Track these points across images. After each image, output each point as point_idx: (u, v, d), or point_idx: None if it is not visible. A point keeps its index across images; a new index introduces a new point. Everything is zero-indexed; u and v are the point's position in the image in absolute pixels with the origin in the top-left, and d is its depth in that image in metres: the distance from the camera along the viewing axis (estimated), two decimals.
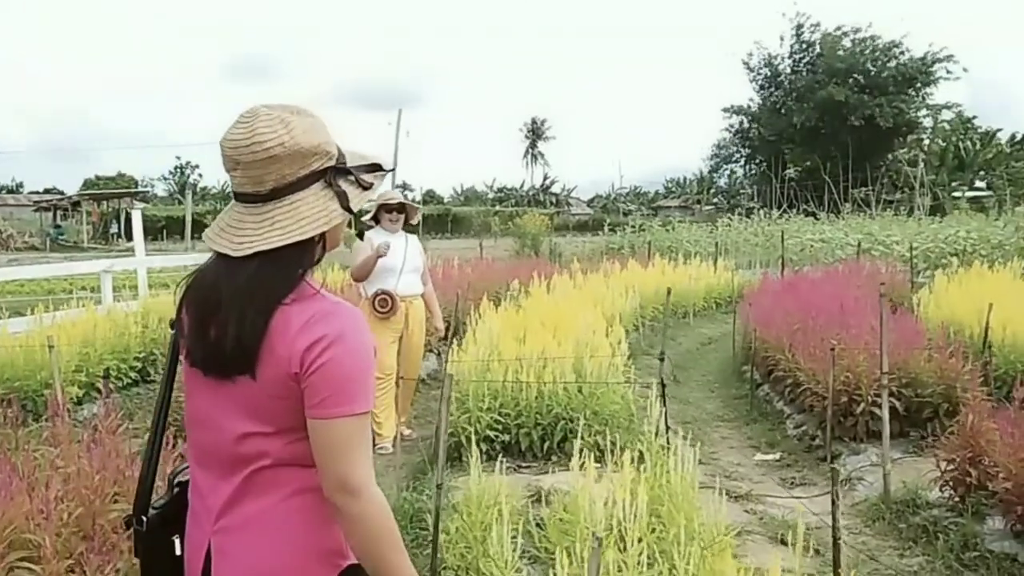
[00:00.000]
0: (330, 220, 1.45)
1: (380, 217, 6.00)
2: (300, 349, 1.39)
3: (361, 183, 1.49)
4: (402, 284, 5.89)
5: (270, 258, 1.42)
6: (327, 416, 1.40)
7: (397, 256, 5.86)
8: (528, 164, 79.04)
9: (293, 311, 1.42)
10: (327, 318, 1.42)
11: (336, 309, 1.46)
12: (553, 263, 16.73)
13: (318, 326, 1.41)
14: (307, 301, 1.44)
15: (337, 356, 1.40)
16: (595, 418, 5.41)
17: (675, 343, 11.35)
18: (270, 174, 1.41)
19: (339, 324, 1.43)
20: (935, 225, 19.00)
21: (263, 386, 1.42)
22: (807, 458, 5.89)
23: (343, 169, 1.48)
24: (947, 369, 5.56)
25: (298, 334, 1.40)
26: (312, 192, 1.44)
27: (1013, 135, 53.23)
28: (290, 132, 1.40)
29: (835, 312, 7.05)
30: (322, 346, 1.40)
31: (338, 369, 1.40)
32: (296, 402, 1.42)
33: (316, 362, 1.39)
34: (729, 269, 15.17)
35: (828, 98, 45.25)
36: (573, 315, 6.86)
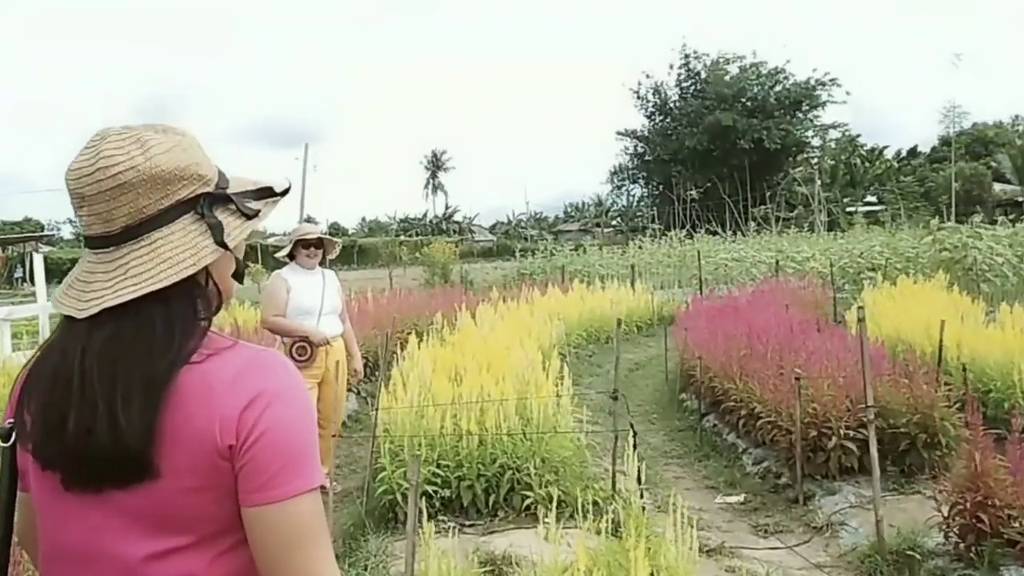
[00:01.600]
0: (197, 260, 1.13)
1: (296, 253, 5.28)
2: (233, 413, 1.07)
3: (244, 211, 1.18)
4: (322, 327, 5.22)
5: (134, 312, 1.09)
6: (280, 498, 1.08)
7: (315, 296, 5.21)
8: (429, 195, 79.94)
9: (210, 368, 1.10)
10: (259, 371, 1.12)
11: (265, 358, 1.15)
12: (467, 291, 16.11)
13: (250, 381, 1.10)
14: (225, 354, 1.13)
15: (282, 416, 1.10)
16: (544, 466, 4.77)
17: (601, 370, 10.84)
18: (121, 207, 1.11)
19: (275, 376, 1.13)
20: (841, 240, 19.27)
21: (174, 479, 1.07)
22: (775, 500, 5.36)
23: (220, 196, 1.18)
24: (921, 396, 5.13)
25: (226, 394, 1.08)
26: (179, 227, 1.14)
27: (899, 151, 56.10)
28: (146, 153, 1.11)
29: (784, 335, 6.62)
30: (262, 405, 1.08)
31: (286, 433, 1.10)
32: (226, 491, 1.09)
33: (258, 427, 1.08)
34: (648, 291, 14.82)
35: (716, 123, 46.63)
36: (506, 349, 6.22)
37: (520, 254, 23.40)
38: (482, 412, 4.96)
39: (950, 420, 5.11)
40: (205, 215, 1.15)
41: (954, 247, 13.45)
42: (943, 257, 13.51)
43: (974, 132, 52.25)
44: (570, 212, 79.17)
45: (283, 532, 1.08)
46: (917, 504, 4.77)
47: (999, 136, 53.73)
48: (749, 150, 46.63)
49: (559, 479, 4.72)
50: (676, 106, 51.81)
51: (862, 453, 5.12)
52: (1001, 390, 5.99)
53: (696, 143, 47.99)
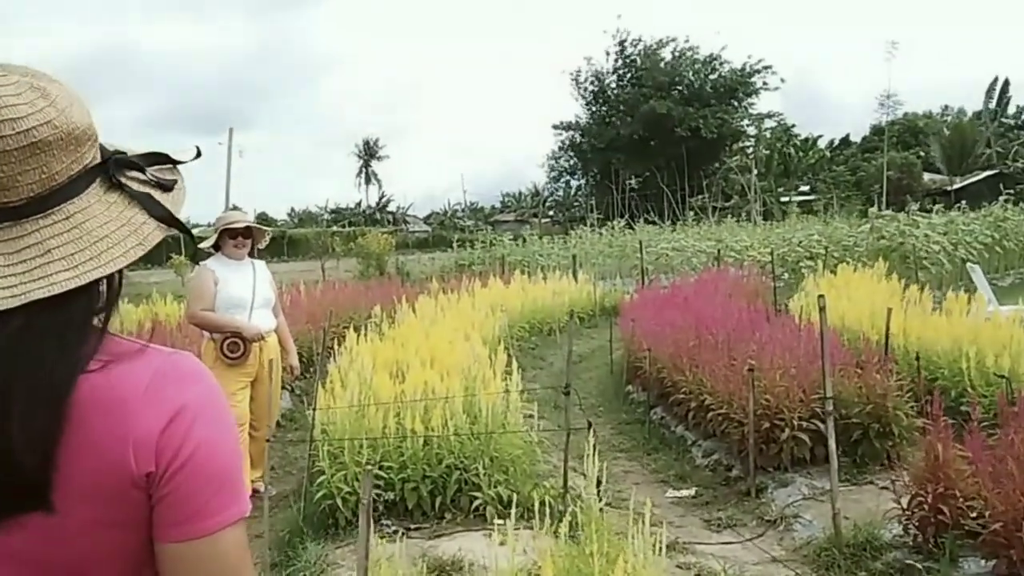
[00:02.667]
0: (143, 240, 0.94)
1: (222, 243, 4.96)
2: (150, 434, 0.89)
3: (160, 182, 0.98)
4: (254, 320, 4.94)
5: (42, 309, 0.87)
6: (211, 529, 0.92)
7: (245, 288, 4.93)
8: (361, 184, 78.27)
9: (113, 379, 0.90)
10: (176, 381, 0.94)
11: (182, 365, 0.96)
12: (404, 283, 15.78)
13: (167, 393, 0.92)
14: (130, 360, 0.93)
15: (210, 435, 0.93)
16: (493, 465, 4.57)
17: (545, 362, 10.71)
18: (29, 172, 0.89)
19: (196, 387, 0.95)
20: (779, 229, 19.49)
21: (71, 514, 0.88)
22: (726, 492, 5.25)
23: (128, 161, 0.97)
24: (873, 385, 5.08)
25: (139, 411, 0.89)
26: (94, 198, 0.93)
27: (832, 141, 57.33)
28: (56, 106, 0.90)
29: (732, 326, 6.53)
30: (185, 423, 0.91)
31: (215, 454, 0.94)
32: (136, 526, 0.91)
33: (184, 449, 0.91)
34: (589, 282, 14.72)
35: (651, 111, 46.74)
36: (450, 343, 5.99)
37: (458, 244, 23.01)
38: (427, 410, 4.73)
39: (902, 410, 5.06)
40: (122, 185, 0.94)
41: (891, 235, 13.67)
42: (881, 245, 13.73)
43: (904, 122, 53.69)
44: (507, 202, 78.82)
45: (211, 569, 0.93)
46: (871, 495, 4.71)
47: (929, 126, 55.33)
48: (686, 138, 46.92)
49: (509, 479, 4.53)
50: (613, 93, 51.86)
51: (814, 444, 5.05)
52: (948, 378, 5.99)
53: (632, 132, 48.10)
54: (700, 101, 48.14)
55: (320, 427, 4.73)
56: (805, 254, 14.62)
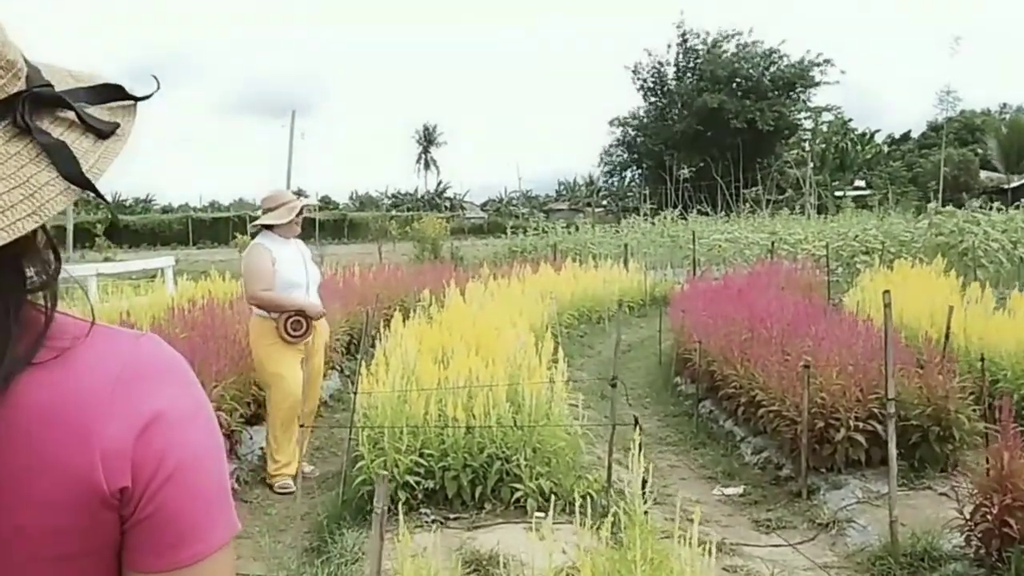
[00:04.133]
0: (40, 206, 0.68)
1: (280, 221, 5.03)
2: (123, 442, 0.70)
3: (93, 124, 0.73)
4: (312, 300, 5.05)
5: None
6: (200, 555, 0.75)
7: (299, 268, 5.01)
8: (420, 170, 78.71)
9: (67, 373, 0.71)
10: (152, 376, 0.74)
11: (156, 355, 0.76)
12: (456, 267, 15.78)
13: (141, 391, 0.72)
14: (86, 348, 0.73)
15: (197, 443, 0.75)
16: (535, 457, 4.47)
17: (593, 351, 10.60)
18: None
19: (176, 382, 0.76)
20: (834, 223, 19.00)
21: (25, 545, 0.69)
22: (776, 492, 5.09)
23: (50, 96, 0.72)
24: (935, 386, 4.86)
25: (106, 414, 0.70)
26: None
27: (890, 135, 55.77)
28: None
29: (787, 320, 6.33)
30: (166, 429, 0.72)
31: (204, 466, 0.75)
32: (103, 554, 0.73)
33: (167, 461, 0.72)
34: (640, 271, 14.52)
35: (704, 105, 46.08)
36: (496, 329, 5.91)
37: (511, 231, 22.96)
38: (470, 398, 4.66)
39: (964, 413, 4.84)
40: (32, 128, 0.70)
41: (950, 232, 13.20)
42: (939, 241, 13.26)
43: (962, 119, 51.99)
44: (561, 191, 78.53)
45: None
46: (929, 501, 4.51)
47: (986, 123, 53.57)
48: (741, 131, 46.16)
49: (551, 471, 4.43)
50: (672, 86, 51.20)
51: (870, 446, 4.86)
52: (1012, 381, 5.73)
53: (687, 126, 47.49)
54: (758, 94, 47.25)
55: (362, 411, 4.69)
56: (860, 249, 14.19)
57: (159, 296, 9.37)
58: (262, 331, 5.00)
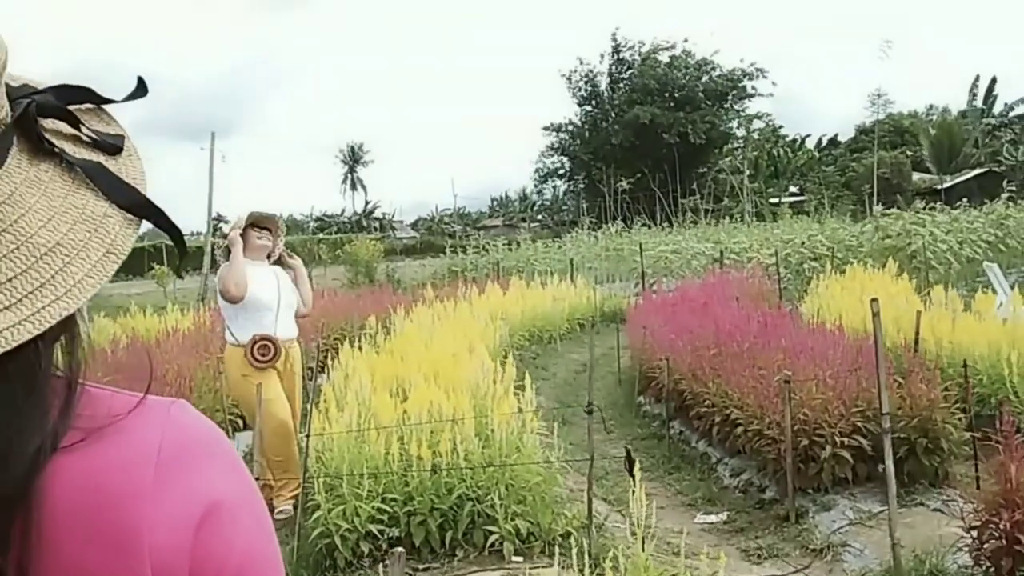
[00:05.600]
0: (114, 243, 0.58)
1: (246, 239, 4.88)
2: (178, 538, 0.57)
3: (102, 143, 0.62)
4: (280, 325, 4.91)
5: None
6: None
7: (271, 290, 4.89)
8: (346, 190, 77.51)
9: (104, 460, 0.57)
10: (199, 457, 0.61)
11: (198, 429, 0.63)
12: (396, 291, 15.34)
13: (191, 477, 0.60)
14: (125, 429, 0.59)
15: (257, 539, 0.63)
16: (509, 495, 4.11)
17: (548, 373, 10.24)
18: None
19: (226, 465, 0.63)
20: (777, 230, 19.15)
21: None
22: (762, 517, 4.82)
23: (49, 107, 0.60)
24: (919, 396, 4.65)
25: (154, 506, 0.57)
26: (19, 176, 0.57)
27: (820, 140, 57.10)
28: None
29: (754, 332, 6.11)
30: (225, 523, 0.60)
31: (267, 566, 0.64)
32: None
33: (229, 561, 0.60)
34: (588, 287, 14.30)
35: (635, 118, 46.55)
36: (454, 356, 5.55)
37: (450, 250, 22.55)
38: (433, 433, 4.28)
39: (951, 423, 4.64)
40: (56, 150, 0.59)
41: (897, 235, 13.31)
42: (886, 245, 13.35)
43: (890, 122, 53.50)
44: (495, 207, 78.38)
45: None
46: (924, 518, 4.30)
47: (914, 125, 55.23)
48: (674, 144, 46.71)
49: (527, 509, 4.07)
50: (605, 97, 51.57)
51: (856, 462, 4.63)
52: (988, 385, 5.59)
53: (621, 139, 47.87)
54: (691, 105, 47.91)
55: (315, 455, 4.26)
56: (809, 255, 14.23)
57: None
58: (236, 361, 4.88)
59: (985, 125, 51.72)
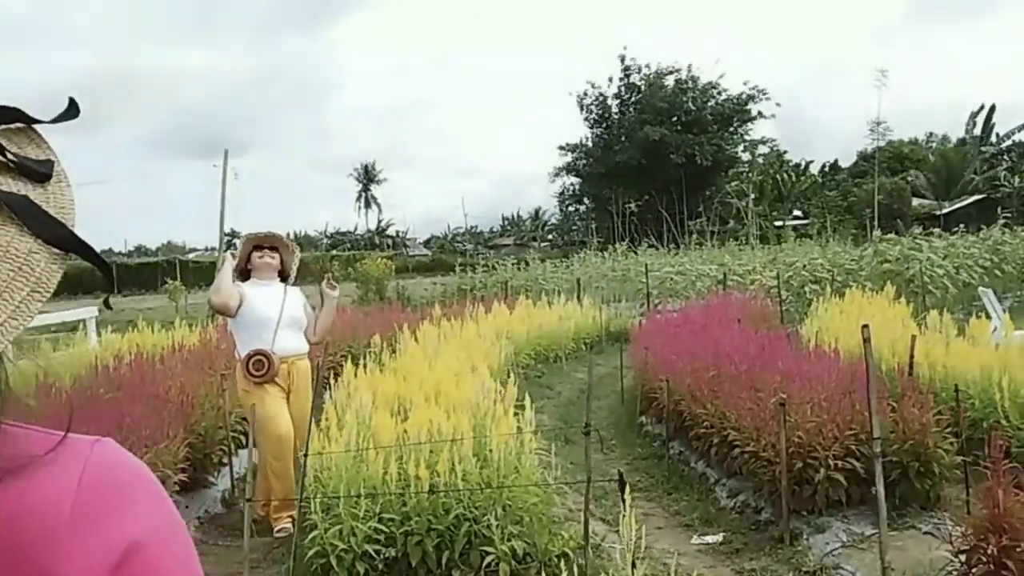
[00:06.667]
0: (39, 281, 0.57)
1: (251, 264, 5.13)
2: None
3: (27, 169, 0.60)
4: (279, 341, 5.00)
5: None
6: None
7: (272, 306, 5.02)
8: (361, 208, 77.88)
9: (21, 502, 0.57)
10: (118, 495, 0.60)
11: (120, 467, 0.63)
12: (405, 308, 15.43)
13: (110, 516, 0.59)
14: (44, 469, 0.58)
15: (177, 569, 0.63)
16: (506, 515, 4.17)
17: (553, 392, 10.32)
18: None
19: (147, 500, 0.63)
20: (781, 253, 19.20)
21: None
22: (758, 539, 4.86)
23: None
24: (911, 420, 4.71)
25: (71, 548, 0.56)
26: None
27: (824, 165, 57.34)
28: None
29: (754, 354, 6.17)
30: (142, 566, 0.59)
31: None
32: None
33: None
34: (595, 306, 14.37)
35: (646, 137, 46.80)
36: (456, 376, 5.62)
37: (460, 269, 22.64)
38: (432, 453, 4.35)
39: (943, 447, 4.70)
40: None
41: (895, 259, 13.36)
42: (885, 269, 13.41)
43: (891, 148, 53.68)
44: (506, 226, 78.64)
45: None
46: (915, 542, 4.34)
47: (914, 152, 55.50)
48: (682, 165, 46.94)
49: (523, 530, 4.14)
50: (615, 119, 51.89)
51: (850, 485, 4.69)
52: (980, 410, 5.63)
53: (630, 158, 48.10)
54: (698, 127, 48.20)
55: (313, 474, 4.33)
56: (809, 278, 14.30)
57: (80, 351, 8.73)
58: (240, 376, 5.03)
59: (983, 153, 51.94)
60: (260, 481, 5.29)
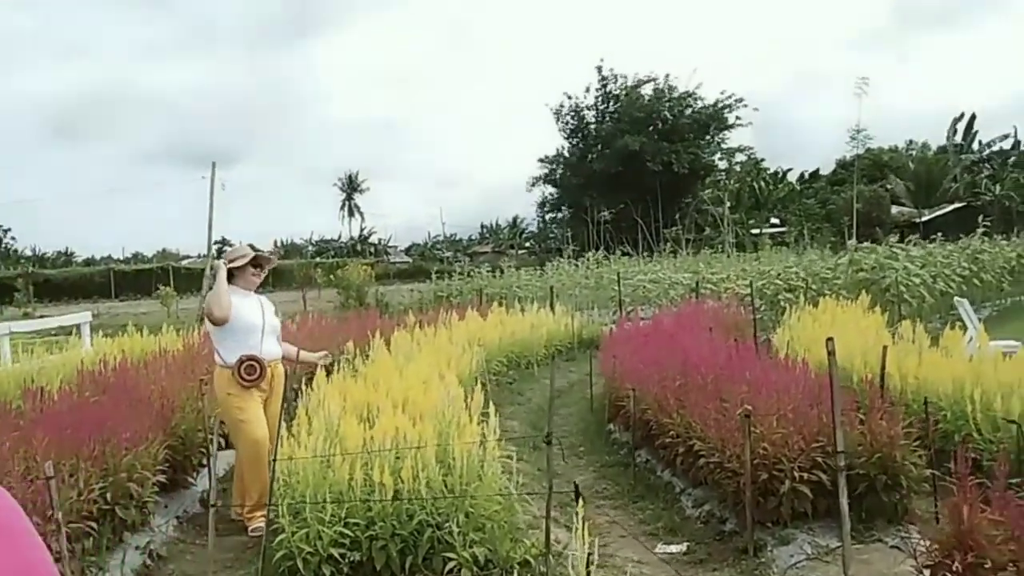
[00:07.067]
0: None
1: (240, 273, 5.38)
2: None
3: None
4: (265, 346, 5.29)
5: None
6: None
7: (256, 314, 5.34)
8: (344, 217, 78.32)
9: None
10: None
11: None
12: (383, 314, 15.39)
13: None
14: None
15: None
16: (468, 522, 4.15)
17: (524, 398, 10.30)
18: None
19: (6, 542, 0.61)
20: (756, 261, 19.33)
21: None
22: (722, 549, 4.85)
23: None
24: (879, 432, 4.73)
25: None
26: None
27: (802, 174, 57.93)
28: None
29: (721, 364, 6.18)
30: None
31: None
32: None
33: None
34: (567, 314, 14.38)
35: (625, 147, 47.05)
36: (425, 383, 5.59)
37: (436, 276, 22.65)
38: (398, 459, 4.33)
39: (911, 460, 4.72)
40: None
41: (871, 268, 13.47)
42: (860, 278, 13.50)
43: (870, 156, 54.29)
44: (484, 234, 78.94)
45: None
46: (881, 556, 4.36)
47: (894, 160, 56.10)
48: (658, 173, 47.20)
49: (485, 536, 4.11)
50: (592, 129, 52.10)
51: (816, 497, 4.69)
52: (951, 422, 5.67)
53: (606, 167, 48.30)
54: (676, 135, 48.48)
55: (282, 478, 4.29)
56: (784, 286, 14.38)
57: (73, 355, 8.90)
58: (222, 380, 5.21)
59: (964, 161, 52.68)
60: (236, 482, 5.50)
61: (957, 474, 3.49)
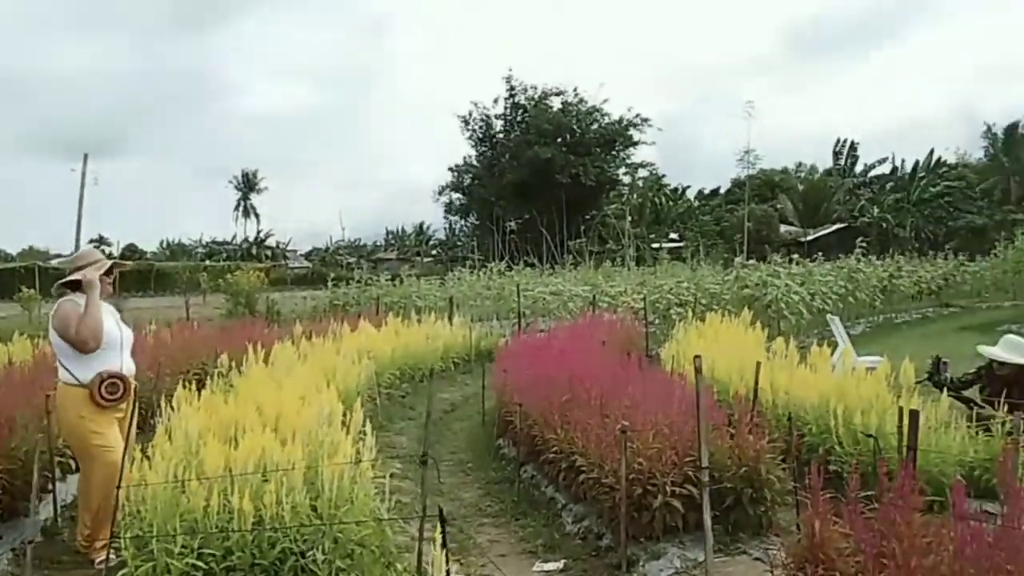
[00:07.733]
0: None
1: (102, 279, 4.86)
2: None
3: None
4: (126, 362, 4.89)
5: None
6: None
7: (113, 330, 4.83)
8: (239, 217, 75.37)
9: None
10: None
11: None
12: (272, 324, 14.93)
13: None
14: None
15: None
16: (336, 549, 4.00)
17: (415, 412, 10.15)
18: None
19: None
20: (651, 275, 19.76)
21: None
22: (597, 565, 4.86)
23: None
24: (746, 447, 4.83)
25: None
26: None
27: (700, 191, 59.88)
28: None
29: (607, 379, 6.21)
30: None
31: None
32: None
33: None
34: (466, 325, 14.31)
35: (536, 157, 47.52)
36: (302, 399, 5.40)
37: (333, 283, 22.01)
38: (265, 483, 4.13)
39: (775, 473, 4.83)
40: None
41: (755, 285, 13.93)
42: (745, 294, 13.95)
43: (762, 176, 56.50)
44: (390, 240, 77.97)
45: None
46: (744, 567, 4.44)
47: (784, 181, 58.69)
48: (566, 185, 47.84)
49: (354, 564, 3.97)
50: (500, 139, 52.39)
51: (687, 510, 4.75)
52: (816, 435, 5.86)
53: (516, 177, 48.63)
54: (582, 148, 49.28)
55: (129, 508, 4.03)
56: (675, 301, 14.74)
57: None
58: (74, 401, 4.69)
59: (846, 183, 55.51)
60: (82, 512, 4.97)
61: (811, 488, 3.57)
